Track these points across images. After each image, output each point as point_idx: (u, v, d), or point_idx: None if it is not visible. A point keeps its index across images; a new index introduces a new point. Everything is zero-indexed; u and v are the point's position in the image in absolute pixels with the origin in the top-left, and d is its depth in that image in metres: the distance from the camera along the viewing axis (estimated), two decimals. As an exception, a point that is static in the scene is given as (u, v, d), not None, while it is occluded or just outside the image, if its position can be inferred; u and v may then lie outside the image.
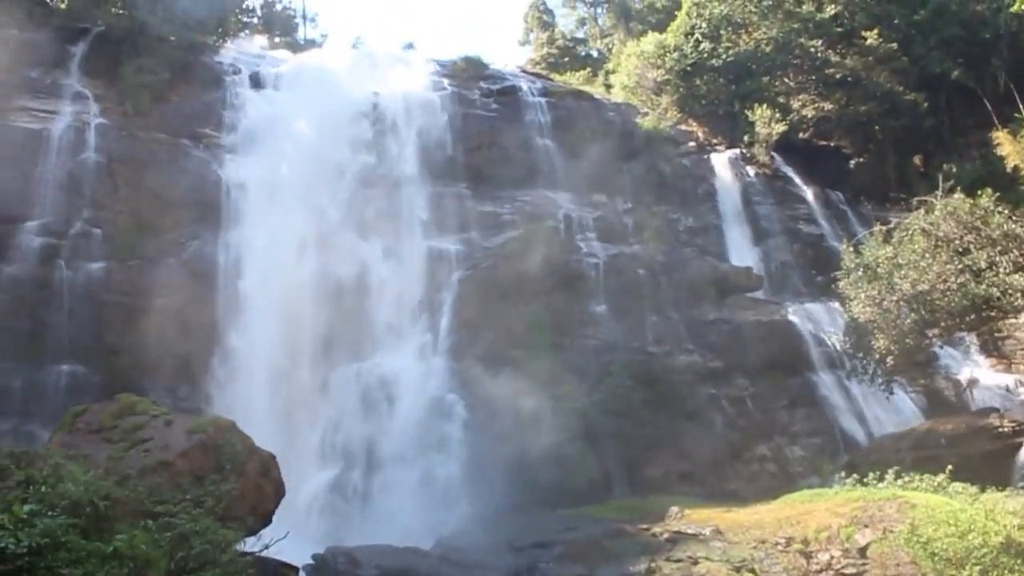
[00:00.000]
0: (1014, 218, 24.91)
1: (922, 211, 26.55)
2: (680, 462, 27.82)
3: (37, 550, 9.73)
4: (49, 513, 10.41)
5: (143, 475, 13.95)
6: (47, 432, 19.29)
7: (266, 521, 15.98)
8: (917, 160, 43.63)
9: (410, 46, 53.76)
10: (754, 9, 44.54)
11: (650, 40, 46.99)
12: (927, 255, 24.34)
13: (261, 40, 44.49)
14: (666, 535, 19.31)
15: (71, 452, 14.50)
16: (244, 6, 46.60)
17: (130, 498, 12.24)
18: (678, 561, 17.77)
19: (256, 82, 36.56)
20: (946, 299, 23.66)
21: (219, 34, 38.90)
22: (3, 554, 9.50)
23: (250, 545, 14.44)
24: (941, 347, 28.01)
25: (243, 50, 40.20)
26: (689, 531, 19.18)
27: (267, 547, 14.55)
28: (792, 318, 32.82)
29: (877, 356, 25.48)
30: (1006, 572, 14.58)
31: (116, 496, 11.80)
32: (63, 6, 35.34)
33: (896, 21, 43.10)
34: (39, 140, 29.74)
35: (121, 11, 35.07)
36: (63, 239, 28.12)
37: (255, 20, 48.37)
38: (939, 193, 27.32)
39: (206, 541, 12.05)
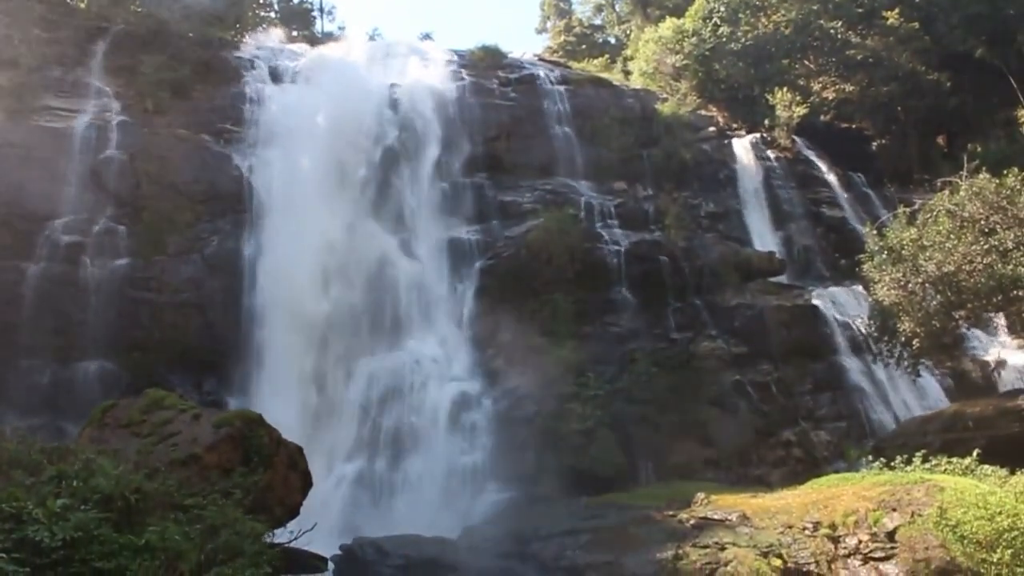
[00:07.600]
0: (1041, 197, 24.54)
1: (947, 192, 26.23)
2: (705, 448, 27.79)
3: (71, 543, 9.88)
4: (82, 507, 10.55)
5: (172, 469, 14.02)
6: (76, 428, 19.47)
7: (294, 512, 16.08)
8: (940, 140, 43.26)
9: (427, 36, 54.17)
10: (773, -9, 44.25)
11: (668, 25, 46.71)
12: (952, 236, 24.03)
13: (279, 34, 44.62)
14: (692, 521, 19.20)
15: (101, 447, 14.64)
16: (261, 1, 46.82)
17: (160, 491, 12.33)
18: (705, 547, 17.66)
19: (275, 76, 36.64)
20: (972, 280, 23.35)
21: (237, 29, 39.10)
22: (38, 547, 9.67)
23: (279, 536, 14.57)
24: (968, 329, 27.67)
25: (261, 44, 40.27)
26: (715, 517, 19.04)
27: (295, 537, 14.65)
28: (816, 302, 32.61)
29: (903, 339, 25.25)
30: (1037, 554, 14.45)
31: (146, 490, 11.90)
32: (83, 5, 35.60)
33: (917, 0, 42.62)
34: (62, 138, 29.95)
35: (139, 9, 35.37)
36: (88, 236, 28.33)
37: (272, 14, 48.66)
38: (964, 173, 26.97)
39: (235, 532, 12.13)
